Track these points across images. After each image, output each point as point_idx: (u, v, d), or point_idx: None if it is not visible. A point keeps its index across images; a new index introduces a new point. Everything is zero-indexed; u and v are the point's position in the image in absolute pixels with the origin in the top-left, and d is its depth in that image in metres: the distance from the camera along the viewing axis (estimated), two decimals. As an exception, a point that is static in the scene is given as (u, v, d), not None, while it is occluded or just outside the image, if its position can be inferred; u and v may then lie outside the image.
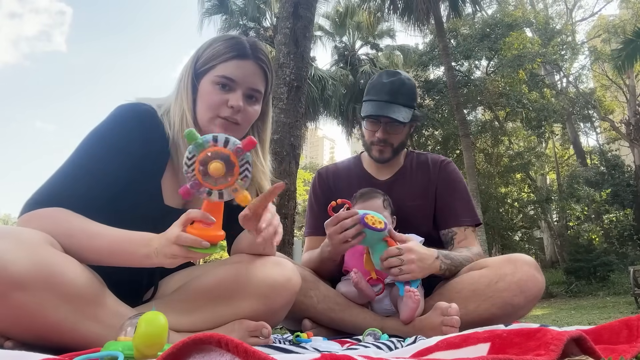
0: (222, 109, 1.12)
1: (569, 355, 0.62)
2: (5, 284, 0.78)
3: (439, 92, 14.35)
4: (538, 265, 1.38)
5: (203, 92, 1.13)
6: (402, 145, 1.70)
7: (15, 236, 0.84)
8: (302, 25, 4.80)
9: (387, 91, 1.61)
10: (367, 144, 1.69)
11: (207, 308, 1.07)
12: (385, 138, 1.63)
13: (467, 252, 1.52)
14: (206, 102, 1.12)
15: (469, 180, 10.33)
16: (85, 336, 0.88)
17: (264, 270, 1.11)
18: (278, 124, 4.51)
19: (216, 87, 1.12)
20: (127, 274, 1.00)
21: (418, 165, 1.74)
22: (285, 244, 4.27)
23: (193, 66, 1.16)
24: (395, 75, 1.66)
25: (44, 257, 0.84)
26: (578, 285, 12.06)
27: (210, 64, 1.13)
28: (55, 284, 0.84)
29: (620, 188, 14.01)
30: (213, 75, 1.12)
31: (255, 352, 0.51)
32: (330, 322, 1.45)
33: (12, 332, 0.85)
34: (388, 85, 1.62)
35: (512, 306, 1.31)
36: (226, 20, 14.20)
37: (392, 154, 1.67)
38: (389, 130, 1.62)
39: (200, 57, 1.16)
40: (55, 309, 0.84)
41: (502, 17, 14.50)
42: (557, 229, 15.79)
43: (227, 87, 1.12)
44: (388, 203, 1.57)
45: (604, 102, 17.42)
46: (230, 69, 1.12)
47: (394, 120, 1.58)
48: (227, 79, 1.12)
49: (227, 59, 1.12)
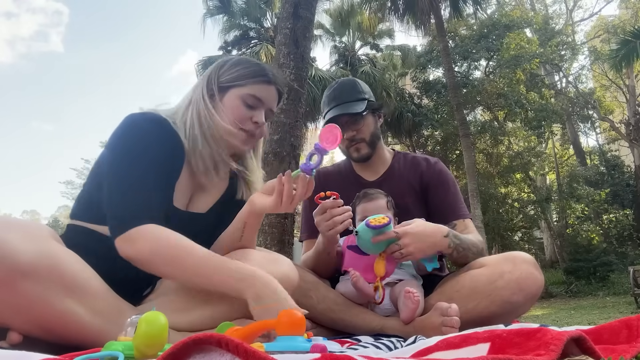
0: (247, 123, 1.23)
1: (569, 355, 0.62)
2: (14, 272, 0.81)
3: (438, 93, 14.35)
4: (537, 263, 1.39)
5: (229, 105, 1.23)
6: (375, 137, 1.75)
7: (22, 228, 0.87)
8: (302, 25, 4.81)
9: (333, 97, 1.74)
10: (345, 150, 1.77)
11: (206, 306, 1.08)
12: (353, 135, 1.70)
13: (473, 238, 1.54)
14: (233, 114, 1.22)
15: (469, 180, 10.33)
16: (88, 329, 0.90)
17: (261, 268, 1.11)
18: (278, 124, 4.51)
19: (243, 103, 1.23)
20: (124, 273, 1.02)
21: (406, 165, 1.78)
22: (285, 244, 4.27)
23: (216, 80, 1.24)
24: (336, 83, 1.80)
25: (49, 248, 0.87)
26: (578, 285, 12.07)
27: (239, 81, 1.23)
28: (59, 275, 0.87)
29: (620, 188, 14.02)
30: (243, 93, 1.23)
31: (256, 352, 0.51)
32: (330, 322, 1.45)
33: (18, 323, 0.87)
34: (332, 93, 1.75)
35: (512, 304, 1.32)
36: (227, 20, 14.20)
37: (369, 147, 1.73)
38: (352, 127, 1.70)
39: (224, 74, 1.25)
40: (59, 299, 0.86)
41: (500, 18, 14.50)
42: (557, 229, 15.78)
43: (253, 105, 1.24)
44: (391, 204, 1.59)
45: (604, 102, 17.41)
46: (259, 90, 1.25)
47: (350, 115, 1.67)
48: (255, 99, 1.24)
49: (257, 82, 1.24)
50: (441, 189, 1.70)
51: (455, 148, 15.23)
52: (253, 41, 14.43)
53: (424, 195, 1.71)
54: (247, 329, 0.80)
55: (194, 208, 1.23)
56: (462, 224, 1.65)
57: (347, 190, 1.61)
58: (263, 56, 13.12)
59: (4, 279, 0.81)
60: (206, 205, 1.26)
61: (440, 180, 1.72)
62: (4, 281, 0.81)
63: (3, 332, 0.87)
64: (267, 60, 12.74)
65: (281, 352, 0.72)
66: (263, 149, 1.62)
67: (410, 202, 1.68)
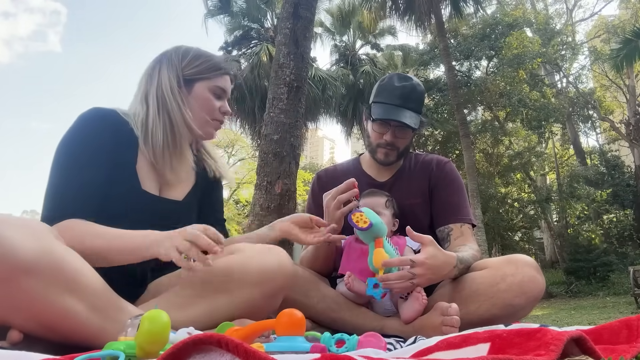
0: (217, 113, 1.34)
1: (569, 356, 0.62)
2: (15, 268, 0.81)
3: (439, 92, 14.35)
4: (538, 266, 1.38)
5: (200, 98, 1.31)
6: (406, 150, 1.71)
7: (23, 224, 0.87)
8: (302, 25, 4.81)
9: (398, 95, 1.62)
10: (373, 146, 1.69)
11: (204, 301, 1.09)
12: (393, 142, 1.63)
13: (471, 251, 1.51)
14: (206, 106, 1.31)
15: (469, 180, 10.33)
16: (87, 326, 0.90)
17: (256, 258, 1.14)
18: (278, 124, 4.51)
19: (212, 95, 1.32)
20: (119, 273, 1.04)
21: (417, 165, 1.75)
22: (286, 244, 4.27)
23: (181, 72, 1.29)
24: (407, 80, 1.67)
25: (50, 245, 0.88)
26: (578, 286, 12.07)
27: (205, 74, 1.31)
28: (61, 272, 0.87)
29: (620, 188, 14.01)
30: (211, 85, 1.32)
31: (256, 352, 0.51)
32: (330, 322, 1.45)
33: (19, 321, 0.87)
34: (400, 90, 1.63)
35: (513, 307, 1.31)
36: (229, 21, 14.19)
37: (397, 157, 1.68)
38: (398, 134, 1.63)
39: (187, 67, 1.30)
40: (60, 296, 0.86)
41: (502, 17, 14.50)
42: (557, 229, 15.78)
43: (220, 96, 1.34)
44: (391, 204, 1.56)
45: (604, 102, 17.42)
46: (224, 82, 1.35)
47: (405, 125, 1.59)
48: (221, 89, 1.34)
49: (220, 74, 1.34)
50: (445, 189, 1.67)
51: (455, 148, 15.22)
52: (253, 41, 14.43)
53: (431, 196, 1.68)
54: (247, 329, 0.80)
55: (168, 196, 1.29)
56: (458, 229, 1.59)
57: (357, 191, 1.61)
58: (263, 56, 13.11)
59: (6, 276, 0.81)
60: (182, 193, 1.32)
61: (446, 181, 1.69)
62: (5, 278, 0.81)
63: (3, 332, 0.87)
64: (267, 60, 12.74)
65: (281, 352, 0.73)
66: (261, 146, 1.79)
67: (418, 204, 1.66)
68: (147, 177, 1.24)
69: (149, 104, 1.24)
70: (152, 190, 1.25)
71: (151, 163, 1.25)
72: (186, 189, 1.34)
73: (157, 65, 1.29)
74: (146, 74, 1.31)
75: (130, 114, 1.26)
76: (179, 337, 0.79)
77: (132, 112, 1.27)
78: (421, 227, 1.63)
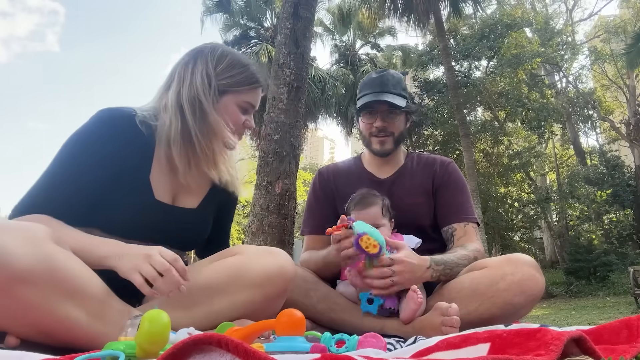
0: (239, 127, 1.29)
1: (569, 356, 0.62)
2: (11, 279, 0.79)
3: (439, 92, 14.35)
4: (538, 265, 1.38)
5: (226, 110, 1.24)
6: (402, 136, 1.71)
7: (20, 231, 0.84)
8: (302, 25, 4.81)
9: (377, 84, 1.67)
10: (367, 138, 1.70)
11: (205, 302, 1.08)
12: (385, 126, 1.65)
13: (462, 250, 1.51)
14: (231, 119, 1.25)
15: (469, 180, 10.33)
16: (89, 333, 0.89)
17: (258, 260, 1.13)
18: (278, 124, 4.51)
19: (239, 109, 1.27)
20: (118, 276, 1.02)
21: (419, 164, 1.75)
22: (286, 244, 4.27)
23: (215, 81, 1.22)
24: (383, 71, 1.73)
25: (48, 252, 0.85)
26: (578, 286, 12.08)
27: (236, 87, 1.25)
28: (60, 280, 0.85)
29: (620, 188, 14.01)
30: (239, 100, 1.26)
31: (256, 352, 0.51)
32: (330, 322, 1.44)
33: (17, 328, 0.85)
34: (378, 79, 1.68)
35: (513, 306, 1.31)
36: (227, 19, 14.19)
37: (394, 144, 1.68)
38: (386, 118, 1.65)
39: (221, 75, 1.23)
40: (60, 304, 0.85)
41: (502, 17, 14.50)
42: (557, 229, 15.79)
43: (246, 110, 1.29)
44: (387, 208, 1.52)
45: (604, 102, 17.41)
46: (253, 97, 1.29)
47: (391, 105, 1.62)
48: (250, 105, 1.29)
49: (252, 89, 1.28)
50: (449, 189, 1.67)
51: (455, 148, 15.22)
52: (253, 41, 14.43)
53: (435, 196, 1.68)
54: (247, 329, 0.80)
55: (181, 204, 1.25)
56: (462, 229, 1.60)
57: (358, 188, 1.60)
58: (263, 56, 13.11)
59: (1, 286, 0.79)
60: (196, 201, 1.29)
61: (449, 182, 1.69)
62: (1, 288, 0.79)
63: (1, 336, 0.86)
64: (267, 60, 12.74)
65: (281, 352, 0.72)
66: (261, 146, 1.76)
67: (421, 203, 1.66)
68: (161, 186, 1.20)
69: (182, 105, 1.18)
70: (166, 200, 1.21)
71: (168, 169, 1.21)
72: (201, 196, 1.30)
73: (191, 63, 1.23)
74: (179, 69, 1.24)
75: (151, 109, 1.22)
76: (179, 337, 0.79)
77: (157, 106, 1.22)
78: (422, 225, 1.63)
